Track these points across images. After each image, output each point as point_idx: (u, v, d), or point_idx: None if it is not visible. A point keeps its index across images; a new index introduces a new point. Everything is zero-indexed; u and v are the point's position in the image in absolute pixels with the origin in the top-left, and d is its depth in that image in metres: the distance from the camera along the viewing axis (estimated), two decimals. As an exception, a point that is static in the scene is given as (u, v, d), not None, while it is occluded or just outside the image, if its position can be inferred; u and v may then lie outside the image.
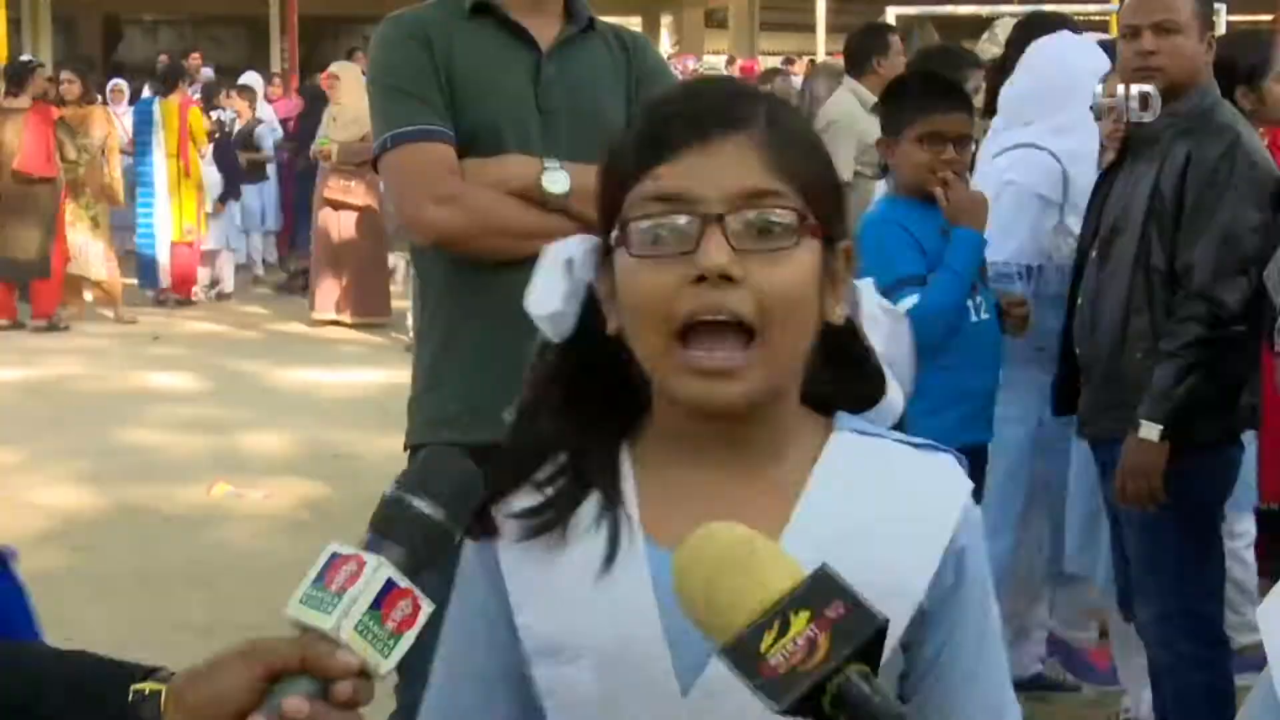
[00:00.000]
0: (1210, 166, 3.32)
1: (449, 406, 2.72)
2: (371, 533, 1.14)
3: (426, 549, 1.14)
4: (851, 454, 1.31)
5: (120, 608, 5.14)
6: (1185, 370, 3.26)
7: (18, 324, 11.04)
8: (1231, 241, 3.28)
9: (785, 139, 1.26)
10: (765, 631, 0.99)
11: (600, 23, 2.81)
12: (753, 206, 1.23)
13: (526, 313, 2.69)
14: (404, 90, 2.66)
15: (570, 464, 1.33)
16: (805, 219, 1.24)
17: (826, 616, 0.99)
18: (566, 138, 2.69)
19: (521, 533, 1.32)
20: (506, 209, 2.63)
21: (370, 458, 7.13)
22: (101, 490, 6.68)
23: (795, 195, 1.24)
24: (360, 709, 1.12)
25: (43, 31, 21.10)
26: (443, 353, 2.75)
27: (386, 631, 1.10)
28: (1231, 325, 3.27)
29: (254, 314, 12.08)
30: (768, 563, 1.03)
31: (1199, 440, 3.33)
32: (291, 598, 1.12)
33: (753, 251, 1.22)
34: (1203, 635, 3.42)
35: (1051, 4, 15.31)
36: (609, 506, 1.30)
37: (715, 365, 1.23)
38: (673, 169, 1.24)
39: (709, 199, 1.23)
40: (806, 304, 1.25)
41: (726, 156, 1.24)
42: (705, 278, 1.21)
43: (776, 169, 1.24)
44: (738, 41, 24.51)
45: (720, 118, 1.25)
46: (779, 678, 0.98)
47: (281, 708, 1.09)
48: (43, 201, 10.85)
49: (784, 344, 1.25)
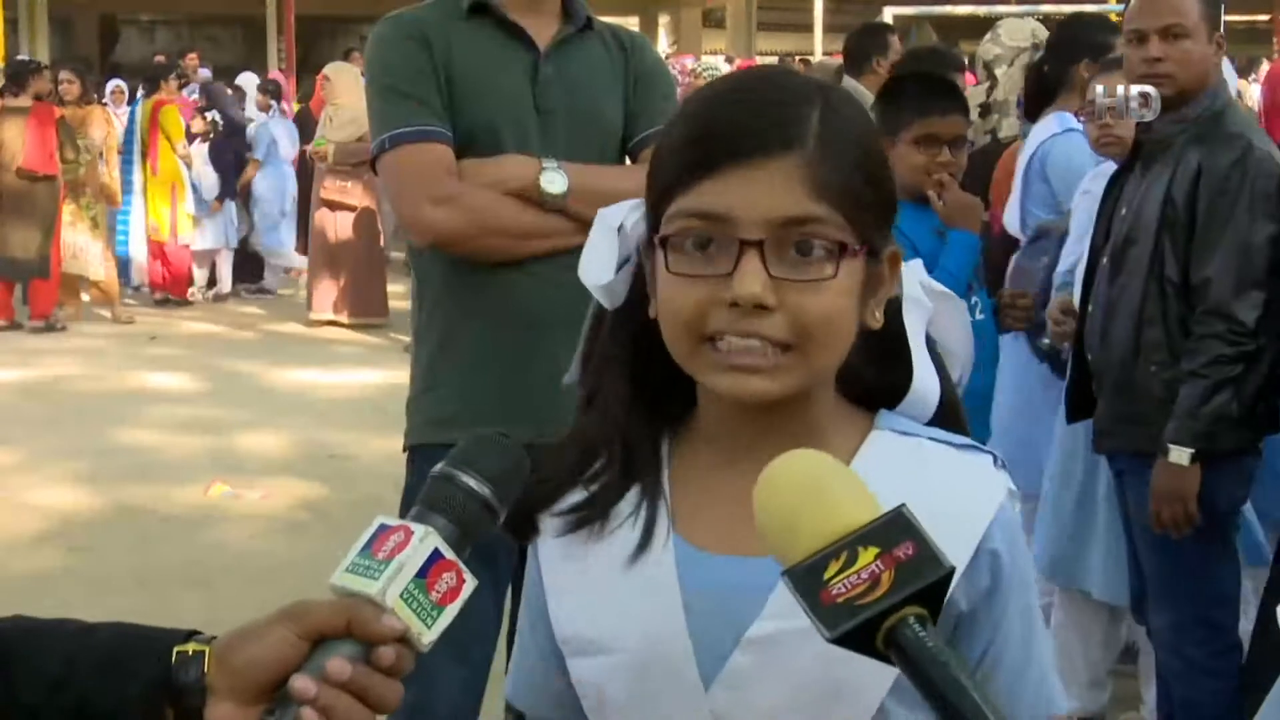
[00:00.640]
0: (1222, 175, 3.26)
1: (447, 407, 2.72)
2: (419, 506, 1.15)
3: (473, 525, 1.15)
4: (887, 454, 1.31)
5: (118, 608, 5.12)
6: (1211, 390, 3.22)
7: (15, 324, 11.04)
8: (1246, 255, 3.22)
9: (835, 156, 1.23)
10: (831, 560, 1.00)
11: (598, 22, 2.81)
12: (793, 234, 1.21)
13: (524, 313, 2.73)
14: (402, 91, 2.66)
15: (619, 455, 1.34)
16: (846, 246, 1.22)
17: (894, 555, 0.99)
18: (564, 138, 2.69)
19: (564, 527, 1.34)
20: (504, 209, 2.63)
21: (368, 458, 7.13)
22: (99, 490, 6.67)
23: (839, 219, 1.22)
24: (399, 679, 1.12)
25: (40, 31, 21.08)
26: (440, 353, 2.75)
27: (431, 602, 1.11)
28: (1251, 340, 3.21)
29: (251, 314, 12.08)
30: (847, 494, 1.04)
31: (1220, 451, 3.29)
32: (337, 569, 1.13)
33: (791, 280, 1.21)
34: (1214, 643, 3.40)
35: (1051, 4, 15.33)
36: (648, 500, 1.32)
37: (745, 362, 1.23)
38: (715, 186, 1.22)
39: (748, 223, 1.20)
40: (845, 323, 1.25)
41: (770, 179, 1.21)
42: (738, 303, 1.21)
43: (821, 193, 1.21)
44: (735, 41, 24.52)
45: (766, 136, 1.22)
46: (836, 606, 0.99)
47: (324, 669, 1.09)
48: (42, 201, 10.86)
49: (819, 357, 1.25)
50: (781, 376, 1.23)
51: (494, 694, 2.87)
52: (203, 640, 1.17)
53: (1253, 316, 3.21)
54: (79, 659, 1.17)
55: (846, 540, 1.00)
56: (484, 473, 1.16)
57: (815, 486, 1.04)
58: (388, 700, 1.11)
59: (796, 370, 1.24)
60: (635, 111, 2.77)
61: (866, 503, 1.03)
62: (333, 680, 1.09)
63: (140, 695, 1.15)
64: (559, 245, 2.66)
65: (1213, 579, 3.40)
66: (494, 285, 2.67)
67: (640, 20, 25.14)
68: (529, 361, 2.67)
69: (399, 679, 1.12)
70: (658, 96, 2.79)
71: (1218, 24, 3.40)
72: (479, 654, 2.72)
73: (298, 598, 1.16)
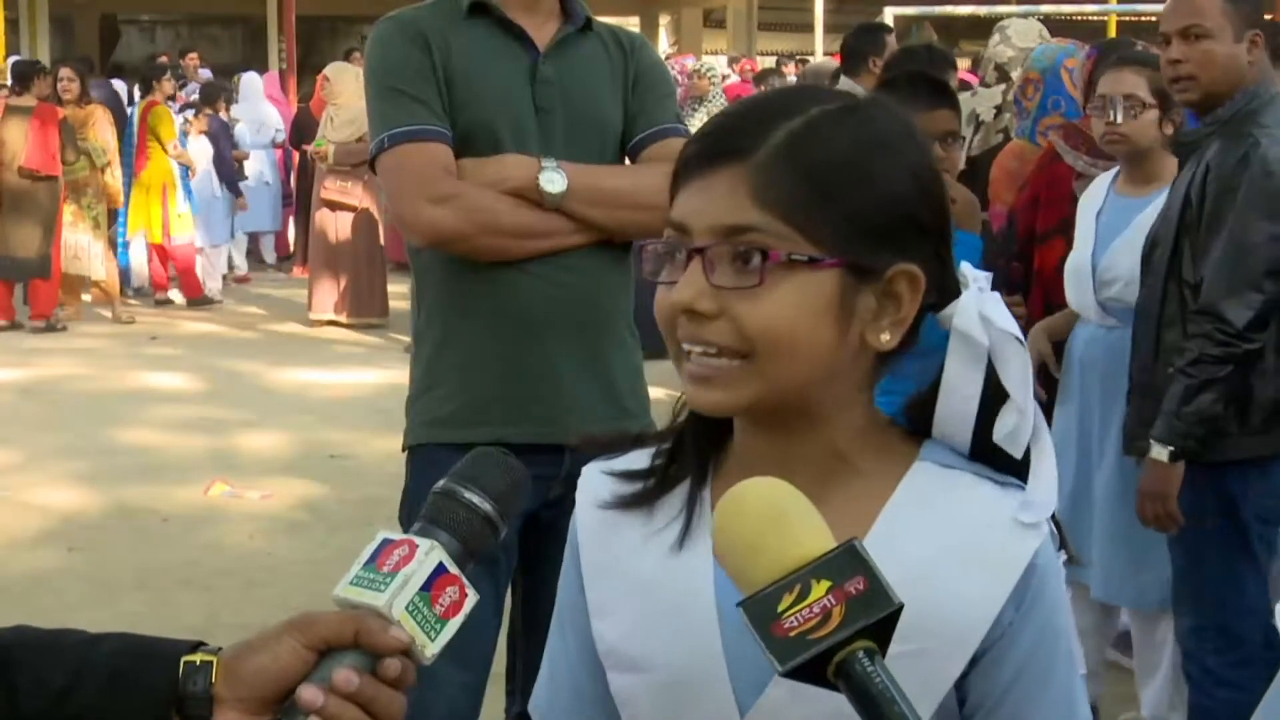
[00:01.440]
0: (1227, 174, 3.23)
1: (446, 406, 2.72)
2: (422, 521, 1.17)
3: (475, 540, 1.17)
4: (925, 485, 1.30)
5: (117, 608, 5.14)
6: (1195, 390, 3.19)
7: (15, 324, 11.05)
8: (1241, 254, 3.17)
9: (791, 168, 1.22)
10: (786, 593, 1.02)
11: (597, 23, 2.81)
12: (730, 242, 1.23)
13: (523, 313, 2.73)
14: (401, 90, 2.65)
15: (674, 450, 1.36)
16: (771, 255, 1.21)
17: (845, 589, 1.01)
18: (563, 138, 2.69)
19: (613, 499, 1.36)
20: (503, 208, 2.63)
21: (368, 458, 7.14)
22: (99, 490, 6.68)
23: (784, 229, 1.22)
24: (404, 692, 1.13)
25: (40, 31, 21.08)
26: (440, 353, 2.75)
27: (435, 615, 1.13)
28: (1240, 342, 3.16)
29: (251, 314, 12.08)
30: (804, 526, 1.05)
31: (1235, 458, 3.26)
32: (340, 581, 1.14)
33: (729, 288, 1.22)
34: (1232, 653, 3.36)
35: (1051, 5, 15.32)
36: (691, 494, 1.34)
37: (699, 371, 1.25)
38: (682, 195, 1.27)
39: (697, 231, 1.24)
40: (797, 337, 1.23)
41: (718, 188, 1.23)
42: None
43: (764, 203, 1.22)
44: (735, 41, 24.53)
45: (723, 145, 1.25)
46: (788, 639, 1.01)
47: (332, 679, 1.11)
48: (43, 201, 10.88)
49: (776, 371, 1.24)
50: (735, 387, 1.24)
51: (494, 696, 2.87)
52: (209, 651, 1.18)
53: (1243, 318, 3.16)
54: (84, 670, 1.17)
55: (800, 573, 1.02)
56: (486, 489, 1.18)
57: (774, 515, 1.05)
58: (393, 712, 1.12)
59: (750, 380, 1.24)
60: (634, 111, 2.77)
61: (822, 534, 1.05)
62: (340, 691, 1.10)
63: (147, 706, 1.16)
64: (558, 245, 2.66)
65: (1236, 589, 3.35)
66: (493, 285, 2.67)
67: (640, 20, 25.14)
68: (528, 361, 2.67)
69: (403, 691, 1.13)
70: (657, 96, 2.80)
71: (1253, 21, 3.32)
72: (478, 656, 2.72)
73: (297, 598, 1.17)
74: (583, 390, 2.69)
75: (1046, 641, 1.28)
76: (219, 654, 1.17)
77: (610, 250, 2.73)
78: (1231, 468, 3.28)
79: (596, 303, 2.73)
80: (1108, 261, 3.82)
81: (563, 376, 2.69)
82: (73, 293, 11.63)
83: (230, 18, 27.26)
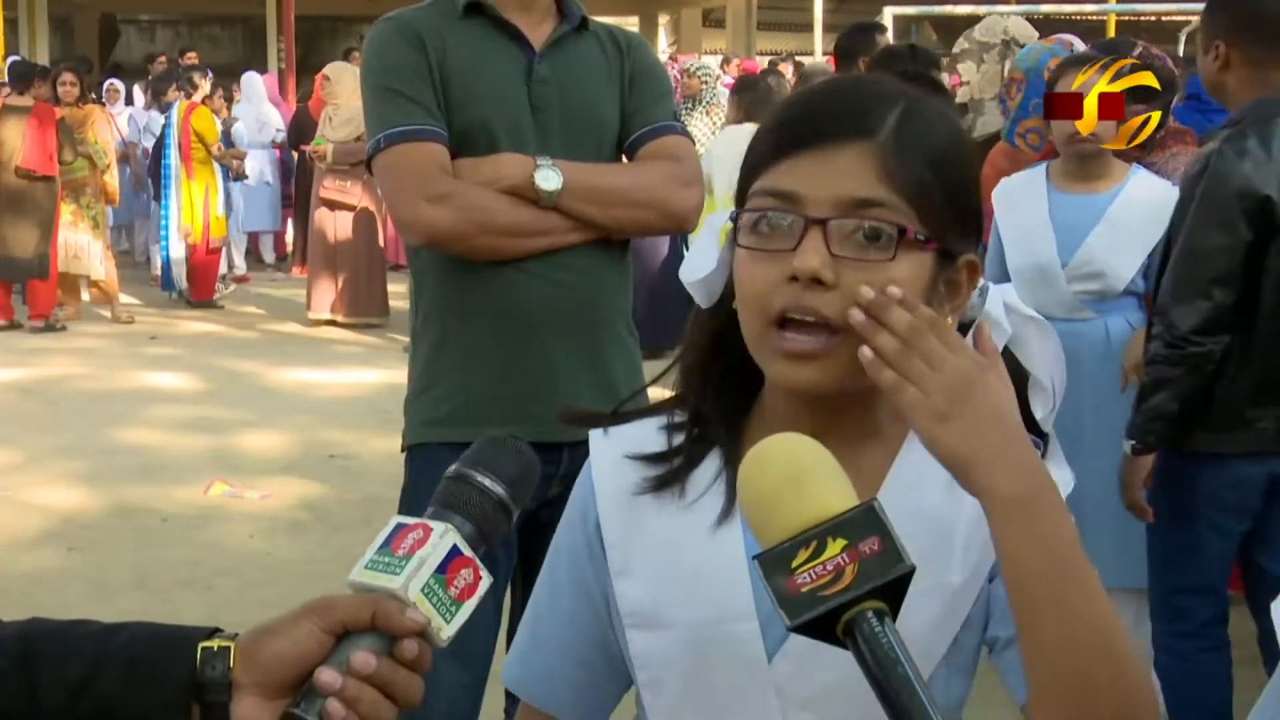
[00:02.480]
0: (1188, 184, 3.36)
1: (444, 406, 2.72)
2: (435, 505, 1.17)
3: (489, 524, 1.18)
4: (928, 457, 1.32)
5: (118, 608, 5.14)
6: (1150, 388, 3.37)
7: (15, 324, 11.05)
8: (1191, 261, 3.29)
9: (908, 150, 1.27)
10: (802, 548, 1.03)
11: (593, 22, 2.81)
12: (855, 215, 1.26)
13: (521, 311, 2.73)
14: (397, 90, 2.66)
15: (696, 424, 1.39)
16: (908, 233, 1.26)
17: (860, 549, 1.02)
18: (560, 137, 2.69)
19: (643, 485, 1.37)
20: (500, 207, 2.63)
21: (367, 458, 7.14)
22: (99, 490, 6.68)
23: (905, 207, 1.26)
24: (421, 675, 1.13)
25: (40, 31, 21.08)
26: (437, 352, 2.75)
27: (450, 597, 1.13)
28: (1187, 345, 3.29)
29: (251, 314, 12.08)
30: (825, 484, 1.06)
31: (1197, 450, 3.41)
32: (354, 567, 1.14)
33: (851, 259, 1.25)
34: (1177, 623, 3.58)
35: (1051, 5, 15.33)
36: (729, 469, 1.35)
37: (798, 349, 1.27)
38: (790, 167, 1.28)
39: (815, 201, 1.26)
40: None
41: (842, 162, 1.27)
42: (799, 278, 1.25)
43: (889, 180, 1.26)
44: (735, 41, 24.52)
45: (844, 122, 1.28)
46: (800, 595, 1.01)
47: (349, 662, 1.11)
48: (41, 201, 10.88)
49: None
50: (832, 367, 1.27)
51: (493, 694, 2.87)
52: (226, 637, 1.18)
53: (1189, 322, 3.27)
54: (102, 660, 1.18)
55: (818, 530, 1.03)
56: (499, 473, 1.19)
57: (794, 472, 1.06)
58: (411, 693, 1.13)
59: (844, 360, 1.26)
60: (631, 110, 2.77)
61: (844, 492, 1.06)
62: (358, 673, 1.11)
63: (167, 693, 1.16)
64: (555, 243, 2.66)
65: (1183, 568, 3.54)
66: (490, 283, 2.68)
67: (640, 20, 25.15)
68: (526, 359, 2.68)
69: (420, 674, 1.13)
70: (653, 95, 2.80)
71: (1221, 32, 3.36)
72: (478, 656, 2.72)
73: (297, 597, 1.17)
74: (581, 389, 2.69)
75: None
76: (235, 640, 1.17)
77: (608, 248, 2.74)
78: (1190, 457, 3.45)
79: (595, 301, 2.73)
80: (1084, 256, 3.94)
81: (561, 375, 2.69)
82: (72, 293, 11.64)
83: (230, 18, 27.28)
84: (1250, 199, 3.24)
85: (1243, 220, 3.25)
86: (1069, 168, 4.03)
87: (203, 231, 12.10)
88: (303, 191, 12.78)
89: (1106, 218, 3.91)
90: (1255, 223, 3.24)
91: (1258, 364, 3.33)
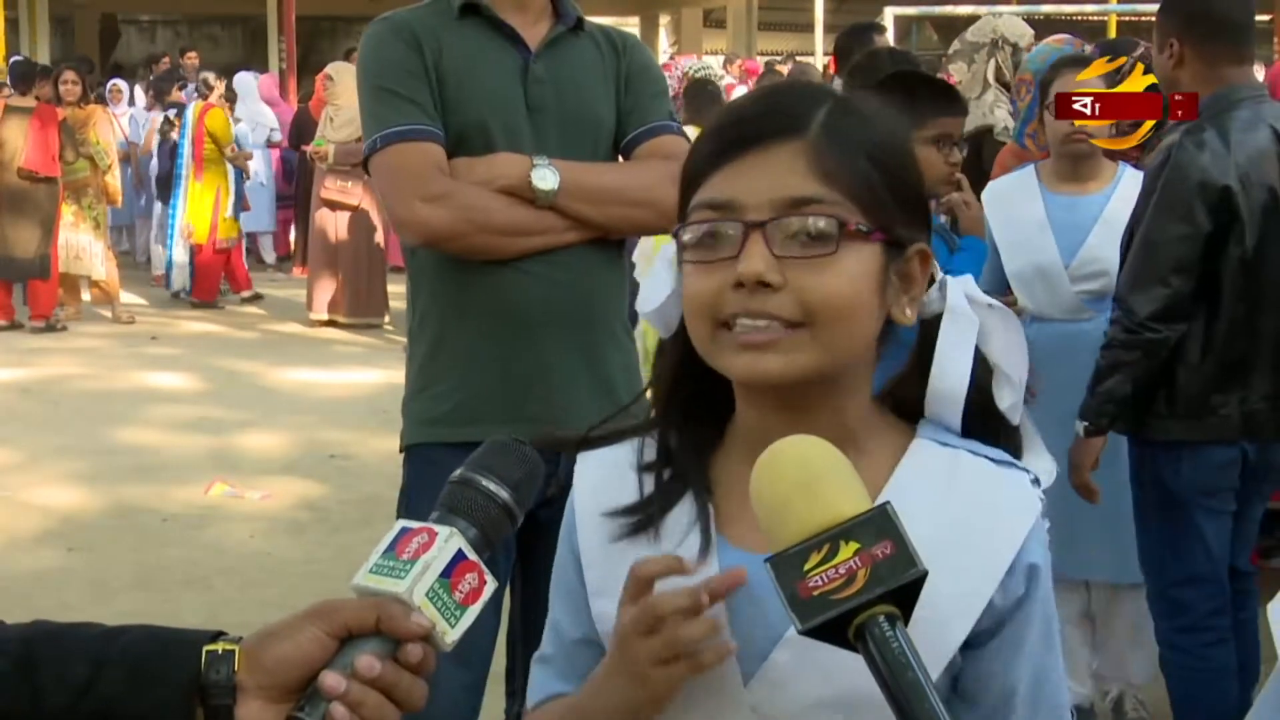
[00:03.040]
0: (1150, 177, 3.48)
1: (441, 406, 2.72)
2: (440, 509, 1.17)
3: (493, 528, 1.18)
4: (927, 463, 1.32)
5: (118, 608, 5.14)
6: (1105, 371, 3.46)
7: (15, 324, 11.05)
8: (1150, 250, 3.40)
9: (840, 143, 1.27)
10: (814, 551, 1.02)
11: (589, 23, 2.82)
12: (794, 214, 1.25)
13: (517, 311, 2.73)
14: (393, 91, 2.66)
15: (666, 463, 1.37)
16: (849, 225, 1.25)
17: (872, 553, 1.01)
18: (556, 137, 2.70)
19: (617, 532, 1.36)
20: (496, 206, 2.63)
21: (367, 458, 7.14)
22: (99, 490, 6.68)
23: (844, 201, 1.26)
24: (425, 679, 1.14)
25: (40, 31, 21.08)
26: (435, 352, 2.75)
27: (454, 601, 1.13)
28: (1144, 331, 3.40)
29: (251, 314, 12.08)
30: (838, 487, 1.05)
31: (1164, 438, 3.50)
32: (359, 570, 1.14)
33: (795, 258, 1.25)
34: (1176, 618, 3.61)
35: (1051, 5, 15.33)
36: (700, 512, 1.34)
37: (755, 339, 1.26)
38: (725, 176, 1.28)
39: (752, 206, 1.26)
40: (857, 307, 1.27)
41: (774, 163, 1.27)
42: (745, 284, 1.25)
43: (823, 175, 1.26)
44: (735, 41, 24.51)
45: (772, 123, 1.28)
46: (812, 599, 1.01)
47: (354, 666, 1.11)
48: (42, 202, 10.89)
49: (832, 340, 1.27)
50: (793, 354, 1.26)
51: (494, 696, 2.87)
52: (230, 640, 1.18)
53: (1146, 310, 3.38)
54: (106, 661, 1.18)
55: (830, 533, 1.02)
56: (503, 477, 1.19)
57: (808, 475, 1.06)
58: (414, 697, 1.13)
59: (807, 349, 1.26)
60: (627, 110, 2.77)
61: (856, 495, 1.05)
62: (362, 676, 1.11)
63: (171, 695, 1.16)
64: (551, 242, 2.66)
65: (1177, 559, 3.58)
66: (487, 283, 2.68)
67: (640, 20, 25.16)
68: (523, 359, 2.67)
69: (424, 678, 1.13)
70: (649, 94, 2.80)
71: (1178, 29, 3.48)
72: (478, 656, 2.72)
73: (297, 597, 1.17)
74: (578, 388, 2.70)
75: (1042, 614, 1.31)
76: (240, 643, 1.17)
77: (604, 248, 2.74)
78: (1162, 447, 3.52)
79: (591, 301, 2.73)
80: (1086, 256, 3.97)
81: (558, 374, 2.69)
82: (73, 293, 11.64)
83: (230, 18, 27.28)
84: (1210, 190, 3.35)
85: (1203, 211, 3.35)
86: (1061, 168, 4.05)
87: (209, 232, 12.10)
88: (304, 192, 12.78)
89: (1104, 218, 3.95)
90: (1215, 213, 3.36)
91: (1219, 352, 3.43)
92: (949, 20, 16.69)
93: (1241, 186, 3.37)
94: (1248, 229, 3.37)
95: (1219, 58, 3.45)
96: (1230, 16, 3.47)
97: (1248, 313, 3.43)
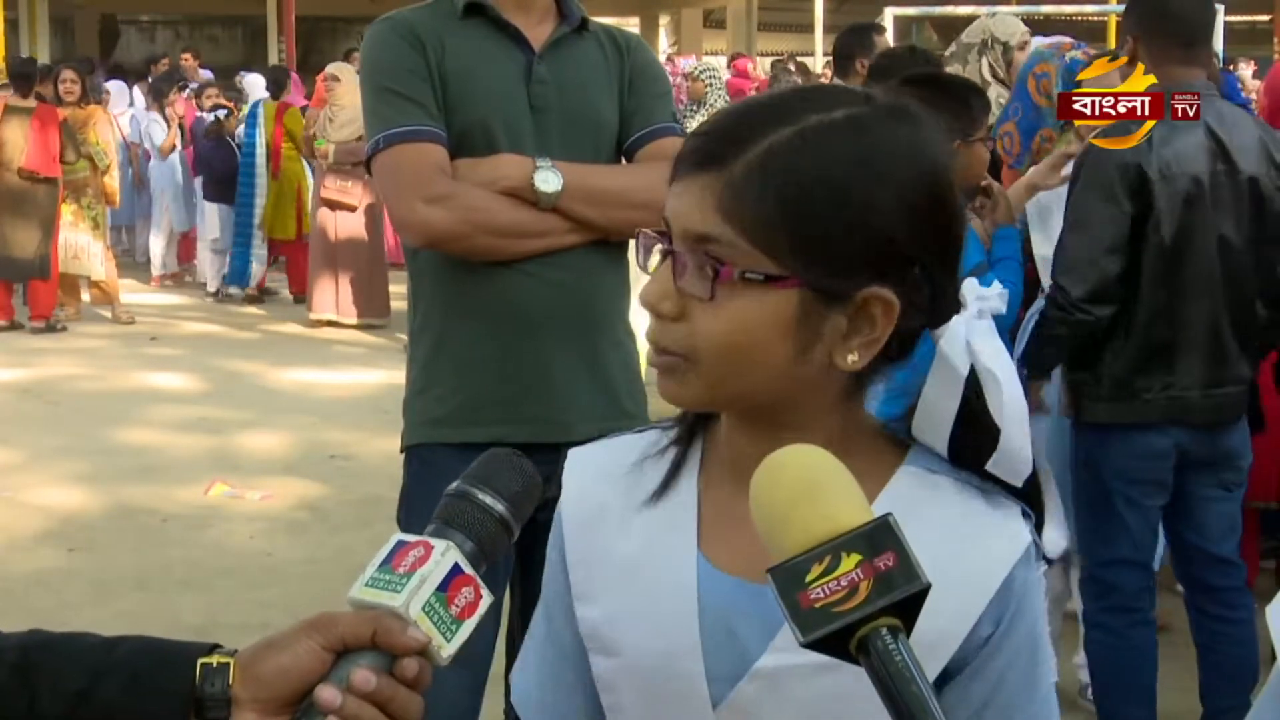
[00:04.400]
0: (1077, 166, 3.62)
1: (442, 406, 2.71)
2: (436, 522, 1.17)
3: (490, 542, 1.17)
4: (909, 494, 1.28)
5: (117, 608, 5.14)
6: (1042, 344, 3.60)
7: (15, 325, 11.05)
8: (1077, 231, 3.53)
9: (762, 183, 1.19)
10: (815, 563, 1.01)
11: (593, 23, 2.81)
12: (695, 249, 1.22)
13: (519, 312, 2.73)
14: (396, 91, 2.66)
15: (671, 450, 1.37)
16: (722, 272, 1.20)
17: (874, 564, 1.00)
18: (559, 137, 2.69)
19: (603, 534, 1.35)
20: (498, 208, 2.63)
21: (368, 459, 7.14)
22: (99, 490, 6.68)
23: (744, 244, 1.20)
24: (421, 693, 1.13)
25: (40, 31, 21.09)
26: (436, 353, 2.75)
27: (451, 615, 1.13)
28: (1075, 311, 3.51)
29: (251, 314, 12.08)
30: (840, 498, 1.04)
31: (1092, 421, 3.63)
32: (355, 584, 1.14)
33: (690, 295, 1.23)
34: (1104, 599, 3.72)
35: (1051, 5, 15.31)
36: (679, 458, 1.35)
37: (657, 363, 1.27)
38: (673, 193, 1.26)
39: (674, 233, 1.24)
40: (748, 351, 1.23)
41: (692, 194, 1.23)
42: None
43: (730, 214, 1.20)
44: (735, 41, 24.52)
45: (709, 148, 1.23)
46: (814, 611, 1.00)
47: (349, 679, 1.11)
48: (42, 202, 10.88)
49: (719, 379, 1.24)
50: (683, 385, 1.26)
51: (494, 696, 2.87)
52: (226, 652, 1.18)
53: (1078, 290, 3.49)
54: (102, 672, 1.18)
55: (831, 544, 1.01)
56: (500, 491, 1.19)
57: (808, 485, 1.05)
58: (410, 712, 1.12)
59: (693, 383, 1.25)
60: (630, 111, 2.77)
61: (858, 506, 1.04)
62: (358, 690, 1.10)
63: (167, 707, 1.16)
64: (553, 244, 2.66)
65: (1102, 541, 3.69)
66: (489, 284, 2.67)
67: (640, 21, 25.17)
68: (524, 361, 2.67)
69: (420, 692, 1.13)
70: (652, 96, 2.80)
71: (1134, 27, 3.59)
72: (477, 656, 2.72)
73: (297, 598, 1.17)
74: (579, 390, 2.69)
75: (1025, 657, 1.28)
76: (235, 655, 1.17)
77: (606, 250, 2.74)
78: (1090, 430, 3.64)
79: (593, 302, 2.73)
80: None
81: (559, 376, 2.69)
82: (73, 293, 11.64)
83: (230, 18, 27.29)
84: (1129, 173, 3.45)
85: (1123, 191, 3.46)
86: None
87: (297, 227, 12.18)
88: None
89: None
90: (1134, 197, 3.46)
91: (1140, 336, 3.53)
92: (949, 20, 16.67)
93: (1161, 176, 3.46)
94: (1164, 218, 3.47)
95: (1166, 57, 3.53)
96: (1184, 16, 3.55)
97: (1170, 300, 3.52)
